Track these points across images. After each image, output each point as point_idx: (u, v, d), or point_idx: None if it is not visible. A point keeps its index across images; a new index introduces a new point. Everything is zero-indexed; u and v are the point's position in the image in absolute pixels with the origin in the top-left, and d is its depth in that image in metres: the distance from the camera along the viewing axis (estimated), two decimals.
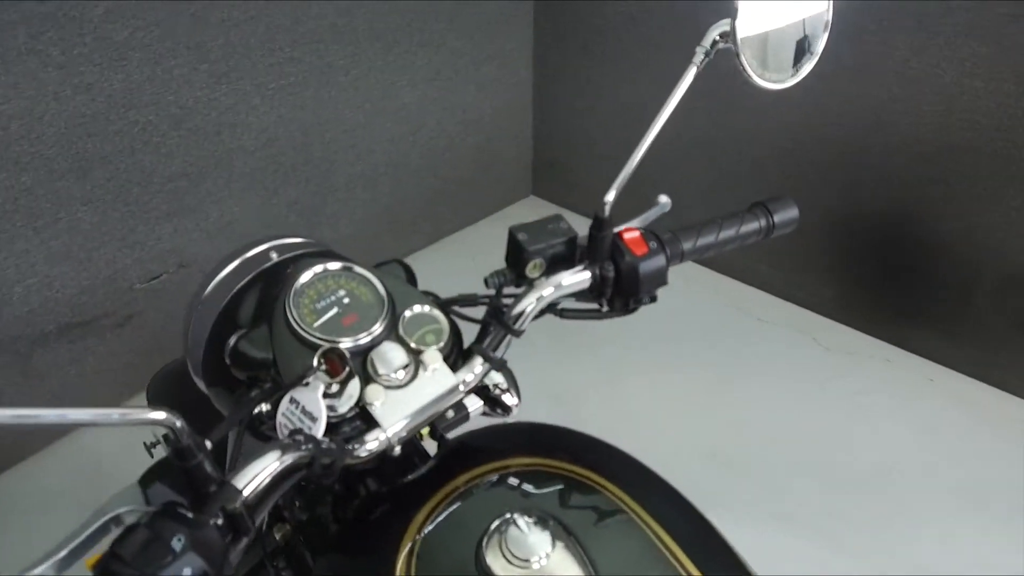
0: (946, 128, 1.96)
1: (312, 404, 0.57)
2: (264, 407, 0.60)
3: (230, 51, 1.85)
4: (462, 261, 2.65)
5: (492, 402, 0.79)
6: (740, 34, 0.62)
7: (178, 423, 0.45)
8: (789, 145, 2.25)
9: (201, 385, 0.73)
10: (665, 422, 1.98)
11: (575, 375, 2.13)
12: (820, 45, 0.69)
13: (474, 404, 0.73)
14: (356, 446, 0.57)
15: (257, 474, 0.50)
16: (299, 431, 0.56)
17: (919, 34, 1.89)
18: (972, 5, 1.79)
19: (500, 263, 0.70)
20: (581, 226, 0.68)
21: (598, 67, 2.60)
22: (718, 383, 2.13)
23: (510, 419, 0.87)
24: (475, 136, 2.65)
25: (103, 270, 1.82)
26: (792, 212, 0.75)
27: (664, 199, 0.82)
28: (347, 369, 0.59)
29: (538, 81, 2.80)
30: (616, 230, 0.69)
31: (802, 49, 0.68)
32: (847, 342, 2.25)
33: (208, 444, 0.49)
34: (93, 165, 1.71)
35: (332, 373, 0.59)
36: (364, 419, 0.60)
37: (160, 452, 1.28)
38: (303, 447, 0.52)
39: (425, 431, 0.67)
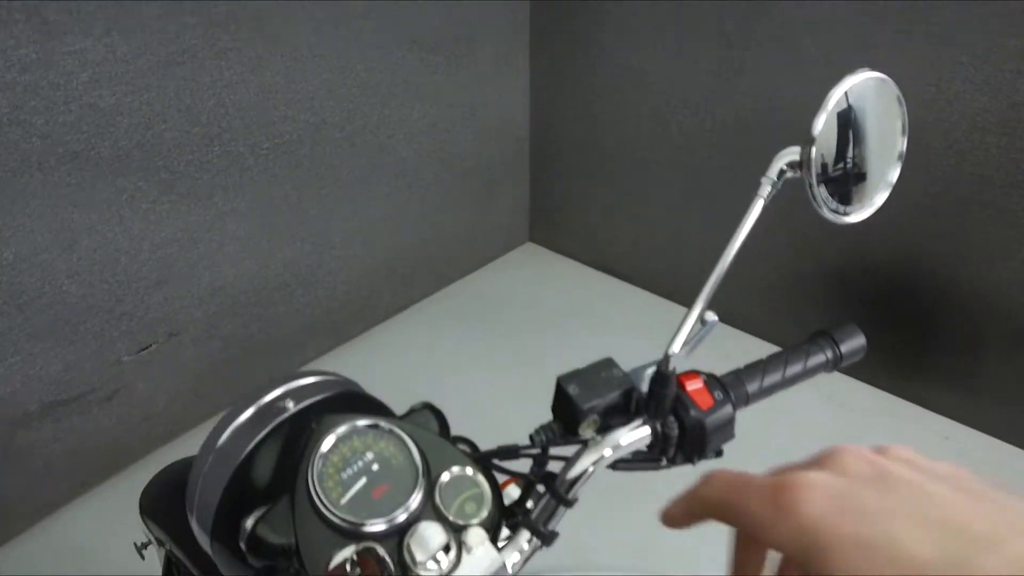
0: (956, 182, 1.92)
1: None
2: None
3: (222, 112, 1.78)
4: (461, 312, 2.58)
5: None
6: (814, 164, 0.56)
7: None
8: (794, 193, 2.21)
9: (208, 551, 0.65)
10: (676, 486, 1.90)
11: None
12: (894, 176, 0.63)
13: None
14: None
15: None
16: None
17: (928, 89, 1.86)
18: (980, 63, 1.76)
19: (501, 317, 0.63)
20: (582, 276, 0.61)
21: (596, 117, 2.56)
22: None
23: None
24: (472, 185, 2.60)
25: (89, 344, 1.73)
26: (859, 341, 0.68)
27: (712, 317, 0.75)
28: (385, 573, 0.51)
29: (535, 129, 2.76)
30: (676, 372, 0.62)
31: (876, 180, 0.62)
32: (861, 399, 2.20)
33: None
34: (79, 235, 1.63)
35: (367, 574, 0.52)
36: None
37: (151, 554, 1.19)
38: None
39: None
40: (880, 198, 0.63)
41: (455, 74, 2.33)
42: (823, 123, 0.57)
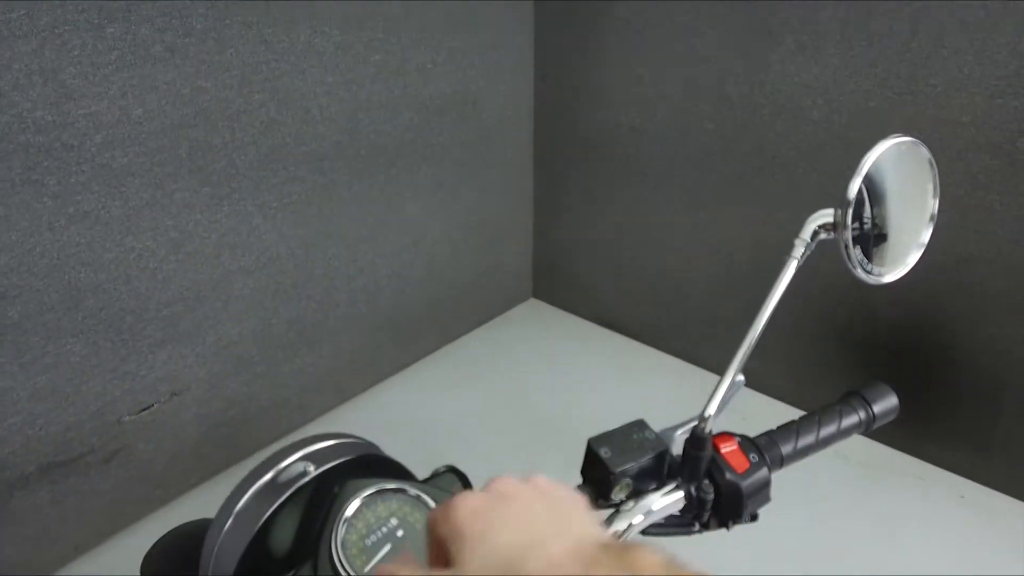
0: (962, 239, 1.93)
1: None
2: None
3: (233, 172, 1.79)
4: (465, 369, 2.55)
5: None
6: (848, 226, 0.56)
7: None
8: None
9: None
10: (680, 547, 1.85)
11: None
12: (926, 236, 0.63)
13: None
14: None
15: None
16: None
17: (929, 147, 1.88)
18: (980, 121, 1.79)
19: (506, 372, 0.61)
20: (586, 332, 0.60)
21: (598, 174, 2.59)
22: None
23: None
24: (477, 241, 2.61)
25: (91, 404, 1.70)
26: (891, 401, 0.67)
27: (739, 378, 0.74)
28: None
29: (539, 185, 2.79)
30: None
31: (908, 240, 0.61)
32: (875, 457, 2.16)
33: None
34: (85, 295, 1.62)
35: None
36: None
37: None
38: None
39: None
40: (913, 258, 0.62)
41: (461, 134, 2.36)
42: (857, 186, 0.57)
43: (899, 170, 0.60)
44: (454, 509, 0.44)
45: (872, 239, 0.60)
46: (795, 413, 2.32)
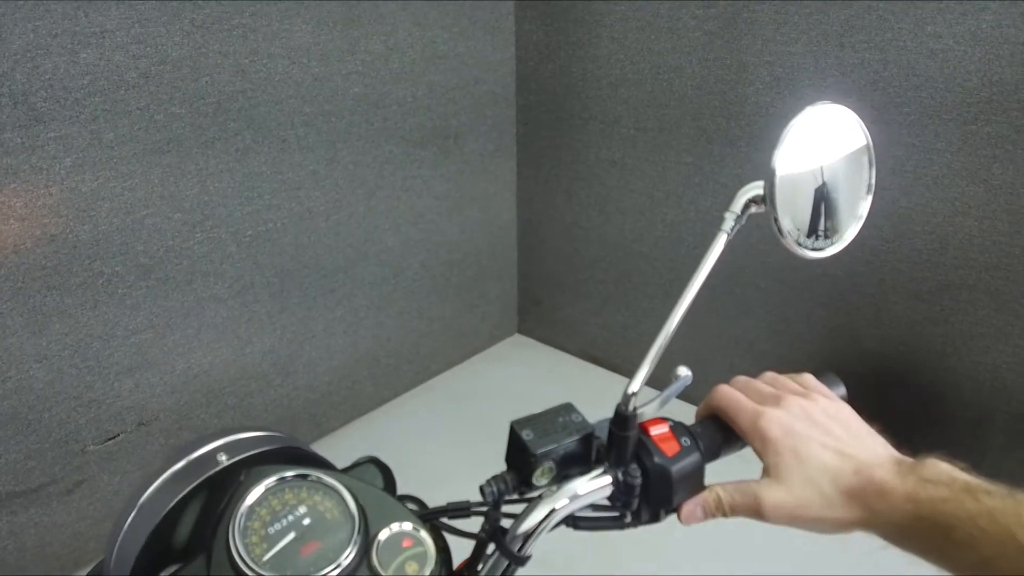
0: (941, 266, 1.91)
1: None
2: None
3: (206, 199, 1.79)
4: (447, 405, 2.51)
5: None
6: (778, 199, 0.54)
7: None
8: (776, 287, 2.20)
9: None
10: (666, 554, 1.79)
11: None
12: (865, 208, 0.61)
13: None
14: None
15: None
16: None
17: (905, 176, 1.89)
18: (956, 148, 1.80)
19: (489, 410, 0.58)
20: (571, 368, 0.58)
21: (583, 210, 2.59)
22: (728, 542, 1.95)
23: None
24: (459, 276, 2.59)
25: (54, 432, 1.66)
26: (839, 390, 0.64)
27: (684, 371, 0.71)
28: None
29: (522, 222, 2.79)
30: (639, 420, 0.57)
31: (845, 213, 0.59)
32: None
33: None
34: (51, 320, 1.60)
35: None
36: None
37: None
38: None
39: None
40: (851, 232, 0.61)
41: (442, 168, 2.37)
42: (783, 156, 0.56)
43: (831, 140, 0.58)
44: (765, 426, 0.55)
45: (806, 212, 0.58)
46: None
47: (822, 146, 0.57)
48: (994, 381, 1.89)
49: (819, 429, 0.55)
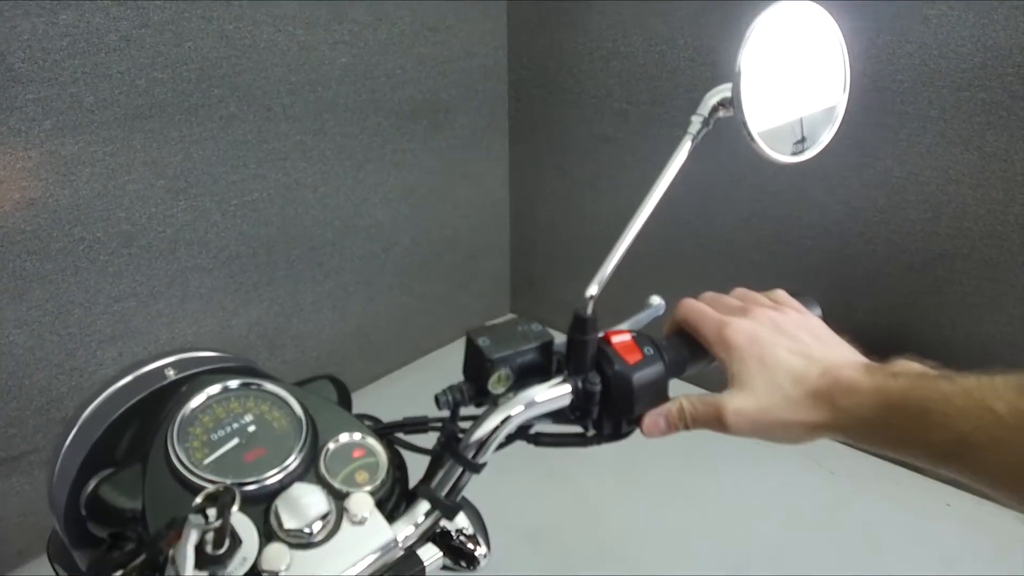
0: (934, 236, 1.89)
1: (180, 571, 0.41)
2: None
3: (190, 167, 1.77)
4: (438, 384, 2.48)
5: (455, 552, 0.63)
6: (744, 100, 0.52)
7: None
8: (768, 260, 2.17)
9: (66, 541, 0.56)
10: (658, 562, 1.77)
11: (551, 507, 1.92)
12: (840, 110, 0.58)
13: (430, 556, 0.57)
14: None
15: None
16: None
17: (898, 144, 1.86)
18: (949, 115, 1.77)
19: None
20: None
21: (575, 186, 2.56)
22: (716, 515, 1.93)
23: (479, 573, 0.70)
24: (451, 254, 2.57)
25: (35, 399, 1.64)
26: (814, 311, 0.62)
27: (656, 300, 0.69)
28: (227, 520, 0.42)
29: (515, 199, 2.76)
30: (602, 334, 0.55)
31: (819, 115, 0.57)
32: (852, 465, 2.08)
33: None
34: (31, 285, 1.58)
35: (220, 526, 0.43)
36: None
37: None
38: None
39: None
40: (826, 135, 0.58)
41: (433, 142, 2.34)
42: (748, 56, 0.53)
43: (801, 38, 0.56)
44: (730, 335, 0.53)
45: (776, 114, 0.55)
46: None
47: (791, 45, 0.55)
48: (990, 351, 1.87)
49: (787, 337, 0.54)
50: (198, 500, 0.42)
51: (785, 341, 0.54)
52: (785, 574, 1.73)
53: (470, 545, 0.64)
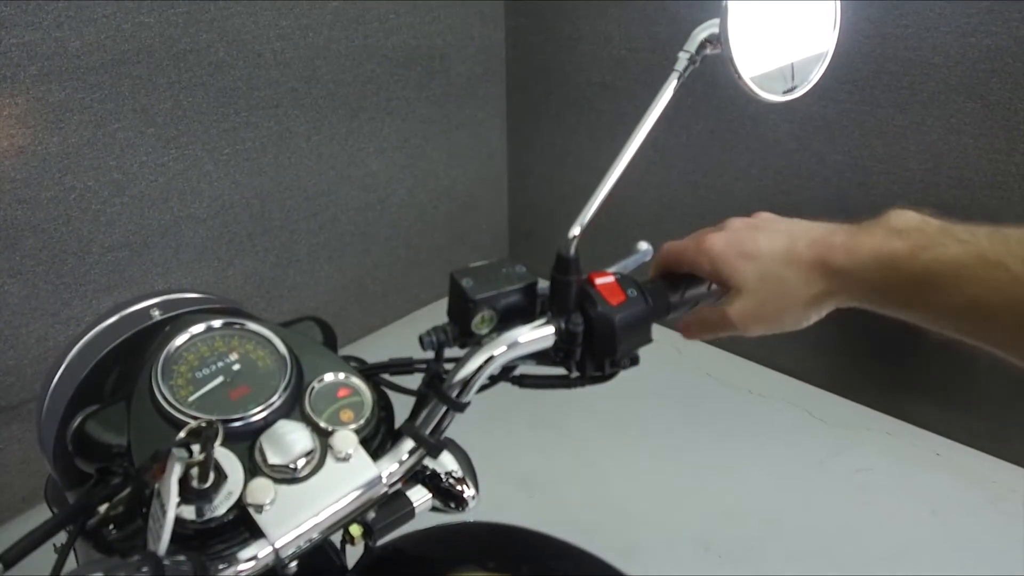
0: (934, 186, 1.88)
1: (165, 503, 0.41)
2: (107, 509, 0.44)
3: (180, 114, 1.74)
4: None
5: (443, 494, 0.64)
6: (732, 37, 0.51)
7: None
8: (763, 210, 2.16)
9: (57, 480, 0.57)
10: (651, 510, 1.80)
11: (544, 456, 1.95)
12: (830, 47, 0.57)
13: (419, 497, 0.57)
14: (223, 566, 0.41)
15: None
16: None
17: (901, 92, 1.83)
18: (953, 62, 1.74)
19: None
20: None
21: (573, 136, 2.53)
22: (707, 463, 1.96)
23: (467, 515, 0.71)
24: (448, 205, 2.55)
25: (32, 348, 1.65)
26: None
27: (644, 246, 0.69)
28: (210, 453, 0.43)
29: (512, 149, 2.73)
30: (586, 276, 0.55)
31: (808, 52, 0.56)
32: (843, 415, 2.10)
33: None
34: (23, 234, 1.57)
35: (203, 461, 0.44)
36: (248, 526, 0.45)
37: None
38: (136, 566, 0.36)
39: (358, 532, 0.51)
40: (815, 74, 0.57)
41: (428, 90, 2.31)
42: None
43: None
44: (707, 248, 0.53)
45: (765, 52, 0.54)
46: (780, 378, 2.18)
47: None
48: None
49: (763, 230, 0.53)
50: (181, 434, 0.42)
51: (763, 233, 0.53)
52: (776, 522, 1.77)
53: (459, 487, 0.65)
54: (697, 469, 1.94)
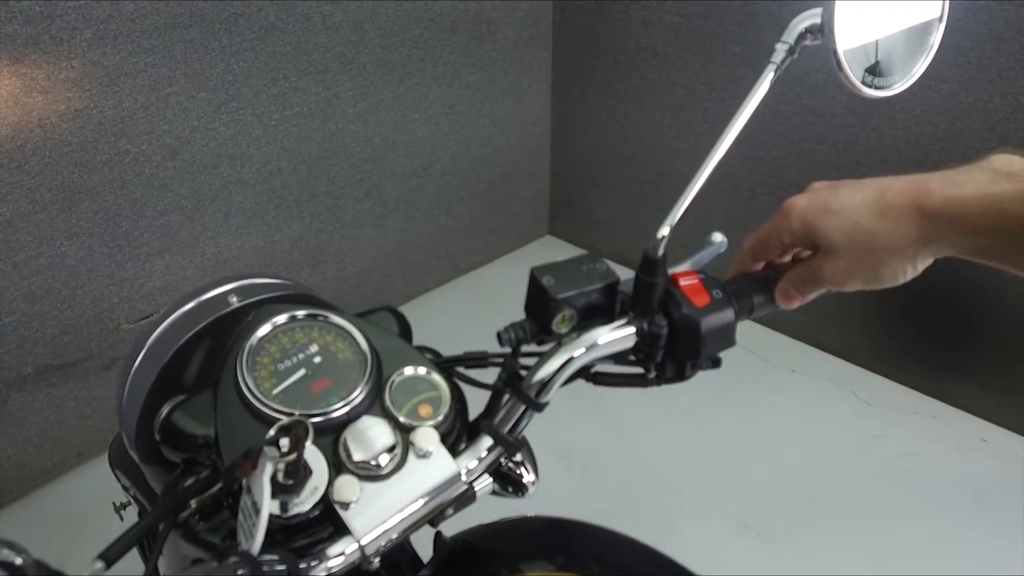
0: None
1: (258, 501, 0.42)
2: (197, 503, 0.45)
3: (231, 79, 1.74)
4: (476, 303, 2.50)
5: (504, 479, 0.64)
6: (837, 26, 0.48)
7: (19, 560, 0.30)
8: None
9: (135, 458, 0.58)
10: (691, 488, 1.80)
11: (583, 428, 1.95)
12: (936, 40, 0.54)
13: (482, 482, 0.58)
14: (314, 563, 0.42)
15: None
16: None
17: (967, 68, 1.76)
18: (1021, 35, 1.66)
19: (518, 308, 0.55)
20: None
21: (619, 104, 2.48)
22: (748, 441, 1.95)
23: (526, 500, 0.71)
24: (490, 172, 2.53)
25: (88, 309, 1.69)
26: None
27: (719, 237, 0.67)
28: (300, 452, 0.43)
29: (556, 117, 2.69)
30: (669, 272, 0.54)
31: (913, 46, 0.53)
32: (889, 397, 2.07)
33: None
34: (79, 197, 1.60)
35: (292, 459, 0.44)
36: (332, 521, 0.45)
37: (131, 514, 1.12)
38: (233, 569, 0.37)
39: None
40: (920, 67, 0.55)
41: (474, 55, 2.28)
42: None
43: None
44: (792, 210, 0.52)
45: (868, 44, 0.52)
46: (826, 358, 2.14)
47: None
48: None
49: (849, 186, 0.52)
50: (272, 432, 0.43)
51: (847, 188, 0.51)
52: (816, 503, 1.76)
53: (519, 471, 0.65)
54: (737, 446, 1.93)
